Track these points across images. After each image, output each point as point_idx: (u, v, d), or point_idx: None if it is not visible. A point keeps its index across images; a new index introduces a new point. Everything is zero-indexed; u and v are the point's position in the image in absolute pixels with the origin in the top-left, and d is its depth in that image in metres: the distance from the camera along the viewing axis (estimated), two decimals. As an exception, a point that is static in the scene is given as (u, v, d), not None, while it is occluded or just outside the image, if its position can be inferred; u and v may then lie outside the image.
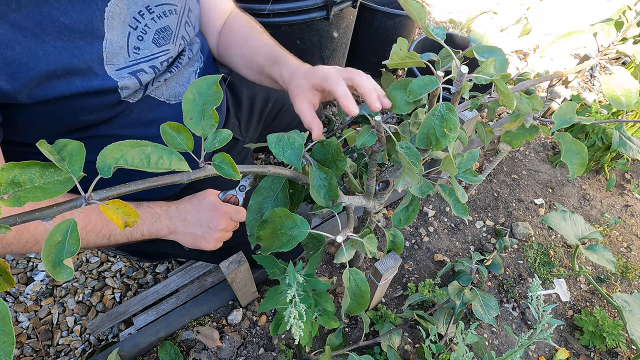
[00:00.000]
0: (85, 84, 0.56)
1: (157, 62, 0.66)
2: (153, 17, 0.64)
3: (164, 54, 0.67)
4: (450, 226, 1.31)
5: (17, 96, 0.51)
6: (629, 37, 0.62)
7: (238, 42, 0.82)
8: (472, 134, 1.28)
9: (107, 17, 0.56)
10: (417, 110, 0.59)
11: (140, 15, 0.62)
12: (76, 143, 0.34)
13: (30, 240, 0.59)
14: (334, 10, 1.19)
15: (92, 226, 0.64)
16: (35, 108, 0.55)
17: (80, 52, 0.54)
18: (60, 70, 0.53)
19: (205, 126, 0.41)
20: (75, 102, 0.57)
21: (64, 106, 0.57)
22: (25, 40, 0.49)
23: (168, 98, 0.73)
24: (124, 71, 0.60)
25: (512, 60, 2.03)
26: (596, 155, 1.41)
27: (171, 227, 0.72)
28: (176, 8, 0.68)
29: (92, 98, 0.58)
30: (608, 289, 1.19)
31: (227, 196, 0.75)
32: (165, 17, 0.66)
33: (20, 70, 0.50)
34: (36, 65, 0.51)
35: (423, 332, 0.87)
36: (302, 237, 0.50)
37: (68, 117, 0.59)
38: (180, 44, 0.71)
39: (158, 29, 0.65)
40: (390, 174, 0.68)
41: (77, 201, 0.32)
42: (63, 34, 0.52)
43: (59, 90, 0.54)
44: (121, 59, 0.60)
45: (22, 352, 1.05)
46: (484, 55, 0.61)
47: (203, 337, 1.01)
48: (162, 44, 0.66)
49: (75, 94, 0.56)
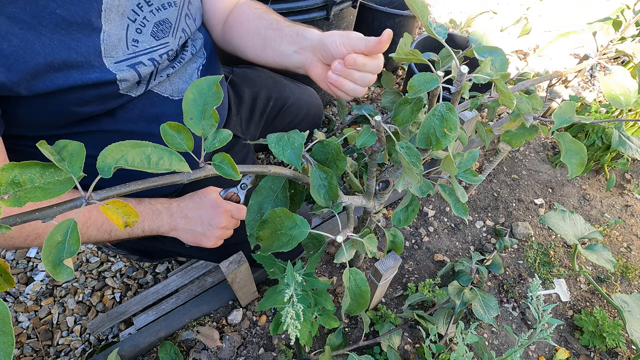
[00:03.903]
0: (84, 76, 0.56)
1: (157, 55, 0.66)
2: (152, 9, 0.63)
3: (163, 46, 0.67)
4: (450, 226, 1.31)
5: (15, 88, 0.51)
6: (627, 36, 0.62)
7: (250, 17, 0.80)
8: (472, 134, 1.28)
9: (105, 9, 0.56)
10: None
11: (139, 7, 0.61)
12: (76, 143, 0.34)
13: (32, 234, 0.59)
14: (334, 10, 1.20)
15: (92, 221, 0.64)
16: (34, 100, 0.55)
17: (77, 45, 0.54)
18: (58, 63, 0.53)
19: (206, 126, 0.41)
20: (73, 94, 0.57)
21: (62, 98, 0.56)
22: (22, 32, 0.49)
23: (171, 94, 0.73)
24: (122, 64, 0.60)
25: (512, 60, 2.03)
26: (596, 155, 1.41)
27: (172, 224, 0.72)
28: (176, 0, 0.68)
29: (91, 90, 0.58)
30: (608, 289, 1.19)
31: (228, 194, 0.76)
32: (164, 10, 0.66)
33: (17, 63, 0.50)
34: (33, 57, 0.50)
35: (423, 332, 0.87)
36: (302, 237, 0.50)
37: (67, 109, 0.59)
38: (181, 37, 0.71)
39: (157, 22, 0.65)
40: (390, 174, 0.68)
41: (77, 201, 0.32)
42: (60, 27, 0.52)
43: (57, 82, 0.54)
44: (120, 51, 0.59)
45: (22, 352, 1.05)
46: (484, 55, 0.61)
47: (203, 337, 1.01)
48: (161, 37, 0.66)
49: (74, 87, 0.55)
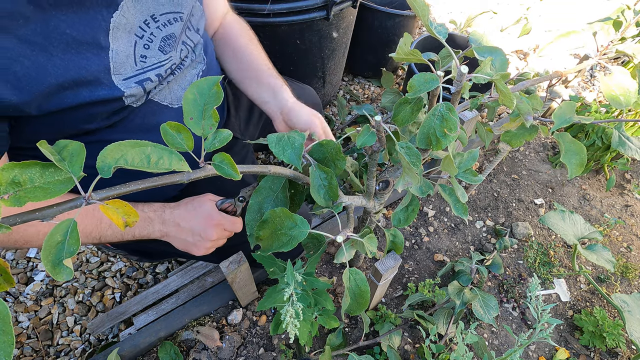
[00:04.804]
0: (93, 94, 0.56)
1: (163, 70, 0.66)
2: (158, 25, 0.64)
3: (169, 61, 0.67)
4: (450, 226, 1.31)
5: (27, 109, 0.51)
6: (627, 36, 0.62)
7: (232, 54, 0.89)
8: (472, 134, 1.28)
9: (113, 27, 0.56)
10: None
11: (146, 24, 0.62)
12: (77, 143, 0.34)
13: (33, 231, 0.60)
14: (334, 10, 1.20)
15: (82, 228, 0.64)
16: (43, 119, 0.55)
17: (87, 64, 0.54)
18: (69, 82, 0.53)
19: (206, 126, 0.41)
20: (81, 111, 0.57)
21: (70, 116, 0.57)
22: (34, 54, 0.49)
23: (171, 102, 0.73)
24: (131, 80, 0.61)
25: (512, 60, 2.03)
26: (596, 155, 1.41)
27: (164, 231, 0.72)
28: (182, 15, 0.69)
29: (98, 107, 0.59)
30: (608, 289, 1.19)
31: (224, 204, 0.74)
32: (170, 25, 0.66)
33: (29, 85, 0.50)
34: (45, 78, 0.51)
35: (423, 332, 0.87)
36: (302, 237, 0.50)
37: (72, 125, 0.59)
38: (182, 50, 0.72)
39: (164, 37, 0.65)
40: (390, 174, 0.68)
41: (77, 201, 0.32)
42: (70, 46, 0.52)
43: (66, 101, 0.54)
44: (128, 68, 0.60)
45: (22, 352, 1.05)
46: (484, 55, 0.61)
47: (203, 337, 1.01)
48: (168, 51, 0.67)
49: (83, 104, 0.56)
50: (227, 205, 0.74)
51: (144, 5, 0.61)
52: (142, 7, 0.61)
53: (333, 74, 1.56)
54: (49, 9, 0.49)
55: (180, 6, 0.67)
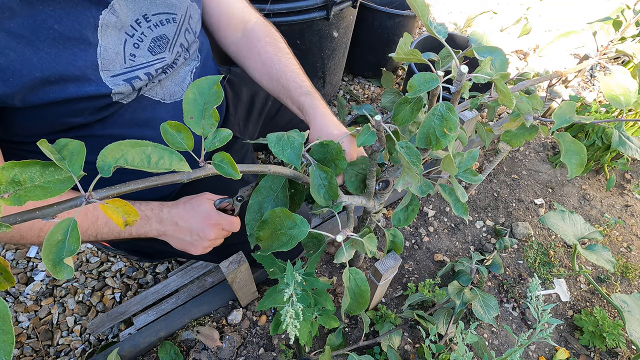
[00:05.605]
0: (80, 90, 0.56)
1: (152, 70, 0.66)
2: (150, 25, 0.64)
3: (159, 61, 0.67)
4: (450, 226, 1.31)
5: (10, 101, 0.52)
6: (627, 36, 0.62)
7: (258, 66, 0.85)
8: (472, 134, 1.28)
9: (101, 24, 0.56)
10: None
11: (137, 23, 0.62)
12: (77, 142, 0.34)
13: (28, 225, 0.60)
14: (334, 10, 1.20)
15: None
16: (28, 111, 0.55)
17: (74, 59, 0.54)
18: (55, 77, 0.53)
19: (206, 125, 0.41)
20: (68, 106, 0.57)
21: (56, 109, 0.57)
22: (20, 47, 0.50)
23: (163, 97, 0.73)
24: (119, 78, 0.61)
25: (512, 60, 2.03)
26: (596, 155, 1.41)
27: (161, 230, 0.72)
28: (175, 17, 0.69)
29: (85, 102, 0.59)
30: (608, 289, 1.19)
31: (223, 204, 0.74)
32: (162, 26, 0.66)
33: (14, 77, 0.50)
34: (30, 72, 0.51)
35: (423, 332, 0.87)
36: (302, 236, 0.50)
37: (59, 119, 0.59)
38: (178, 52, 0.72)
39: (154, 37, 0.65)
40: (390, 173, 0.68)
41: (77, 200, 0.32)
42: (58, 41, 0.52)
43: (52, 95, 0.54)
44: (117, 65, 0.60)
45: (22, 352, 1.05)
46: (484, 55, 0.61)
47: (203, 337, 1.01)
48: (158, 52, 0.67)
49: (69, 99, 0.56)
50: (225, 205, 0.74)
51: (137, 4, 0.61)
52: (135, 6, 0.61)
53: (333, 74, 1.56)
54: (36, 4, 0.50)
55: (173, 7, 0.68)
